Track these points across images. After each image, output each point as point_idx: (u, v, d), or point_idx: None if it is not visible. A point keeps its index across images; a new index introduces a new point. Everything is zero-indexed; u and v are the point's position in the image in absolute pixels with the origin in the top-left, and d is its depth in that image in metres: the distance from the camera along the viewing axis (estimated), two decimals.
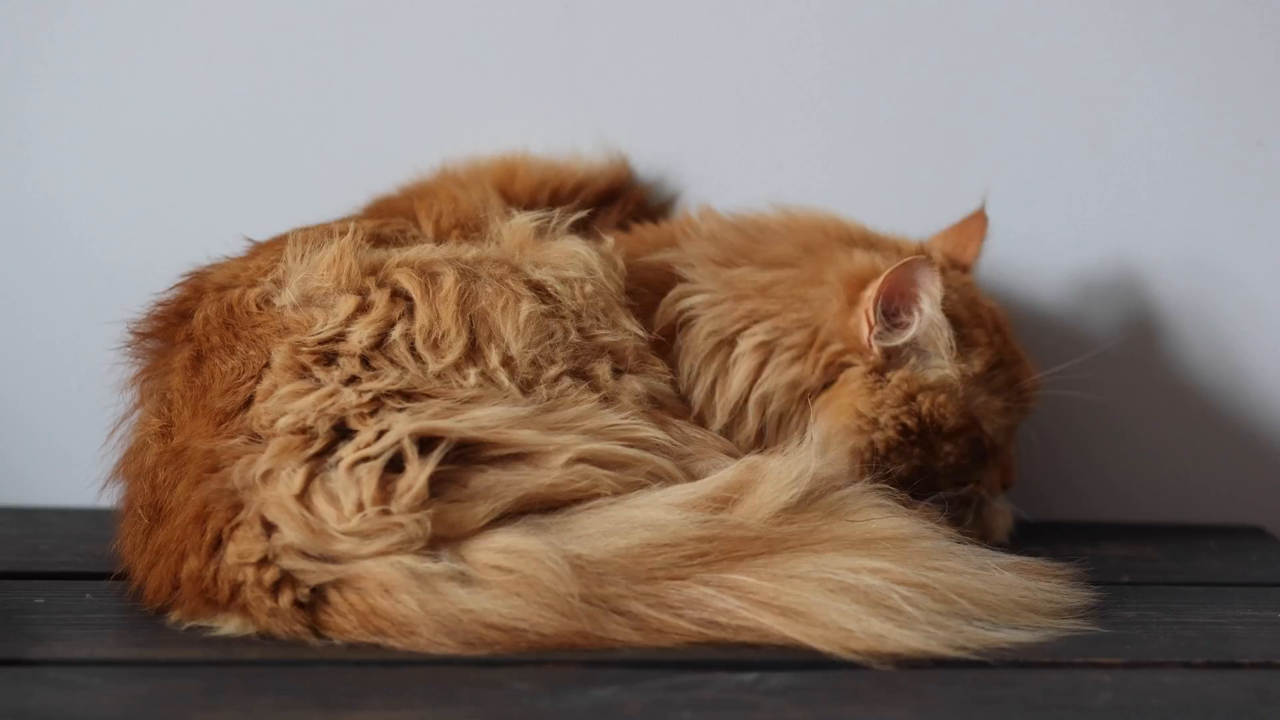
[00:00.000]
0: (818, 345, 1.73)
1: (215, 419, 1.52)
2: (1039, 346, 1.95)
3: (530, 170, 1.90)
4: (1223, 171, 2.04)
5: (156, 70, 2.01)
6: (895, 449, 1.72)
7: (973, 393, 1.76)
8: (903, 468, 1.72)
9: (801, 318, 1.74)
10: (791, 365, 1.73)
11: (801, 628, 1.41)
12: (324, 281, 1.59)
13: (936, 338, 1.72)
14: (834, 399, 1.72)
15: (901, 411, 1.72)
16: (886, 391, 1.72)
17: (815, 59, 2.02)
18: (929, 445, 1.74)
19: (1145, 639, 1.51)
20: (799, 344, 1.74)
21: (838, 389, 1.73)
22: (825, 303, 1.74)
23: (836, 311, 1.73)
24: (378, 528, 1.43)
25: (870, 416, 1.71)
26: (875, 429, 1.72)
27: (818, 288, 1.75)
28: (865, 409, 1.71)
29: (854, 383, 1.72)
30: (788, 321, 1.74)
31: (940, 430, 1.74)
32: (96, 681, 1.35)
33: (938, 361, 1.74)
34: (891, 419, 1.72)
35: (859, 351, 1.73)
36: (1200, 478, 2.09)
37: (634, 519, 1.48)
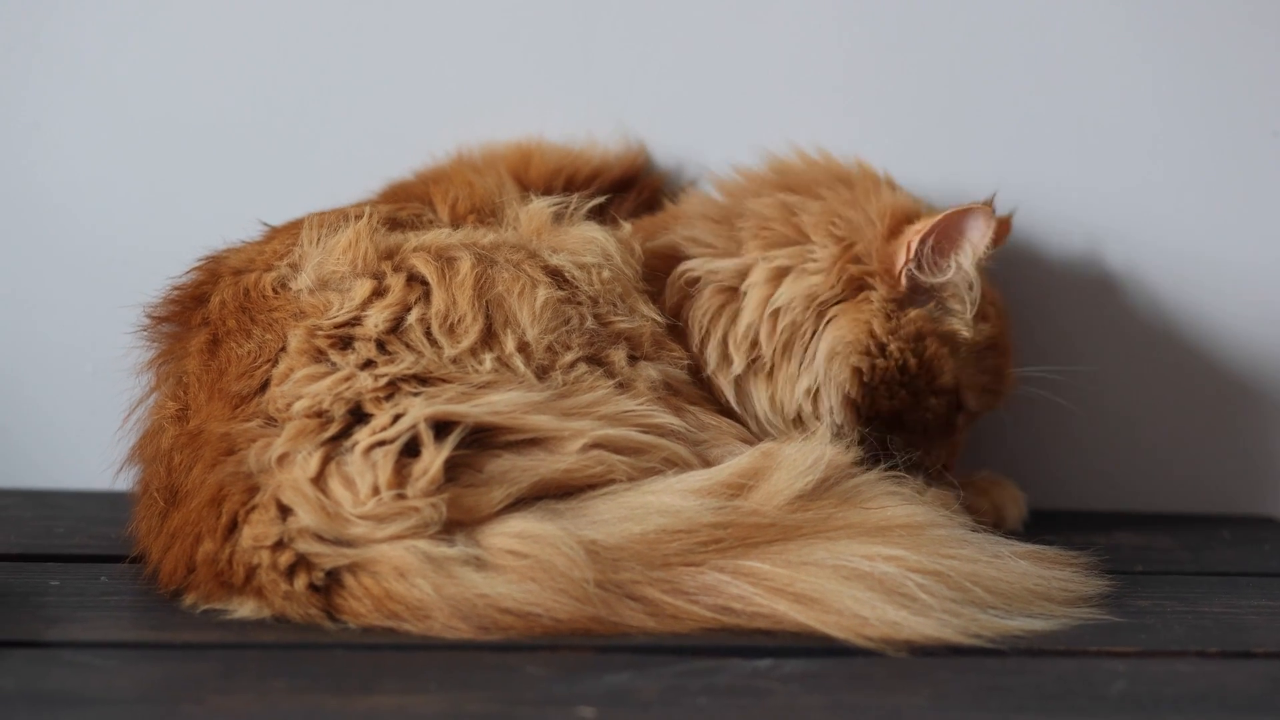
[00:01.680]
0: (846, 259, 1.74)
1: (231, 402, 1.52)
2: (1051, 336, 1.95)
3: (545, 157, 1.90)
4: (1240, 160, 2.03)
5: (173, 55, 2.01)
6: (889, 383, 1.74)
7: (968, 360, 1.79)
8: (885, 406, 1.74)
9: (835, 234, 1.76)
10: (814, 275, 1.74)
11: (816, 614, 1.41)
12: (340, 265, 1.59)
13: (964, 292, 1.76)
14: (850, 312, 1.74)
15: (909, 348, 1.74)
16: (902, 324, 1.74)
17: (834, 46, 2.02)
18: (916, 393, 1.75)
19: (1159, 628, 1.51)
20: (826, 257, 1.75)
21: (856, 304, 1.74)
22: (862, 227, 1.76)
23: (874, 236, 1.75)
24: (393, 511, 1.44)
25: (881, 341, 1.73)
26: (881, 355, 1.73)
27: (854, 211, 1.77)
28: (880, 332, 1.73)
29: (873, 304, 1.74)
30: (818, 236, 1.76)
31: (932, 381, 1.76)
32: (112, 663, 1.35)
33: (957, 314, 1.76)
34: (898, 350, 1.73)
35: (886, 278, 1.74)
36: (1214, 468, 2.08)
37: (649, 505, 1.48)
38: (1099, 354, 2.04)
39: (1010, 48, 2.02)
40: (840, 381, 1.73)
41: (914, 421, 1.77)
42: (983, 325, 1.79)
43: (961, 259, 1.74)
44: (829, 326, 1.73)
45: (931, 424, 1.78)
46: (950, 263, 1.74)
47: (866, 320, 1.73)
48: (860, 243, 1.75)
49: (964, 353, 1.78)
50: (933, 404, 1.77)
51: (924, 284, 1.75)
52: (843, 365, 1.73)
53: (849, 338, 1.73)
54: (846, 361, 1.73)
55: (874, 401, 1.74)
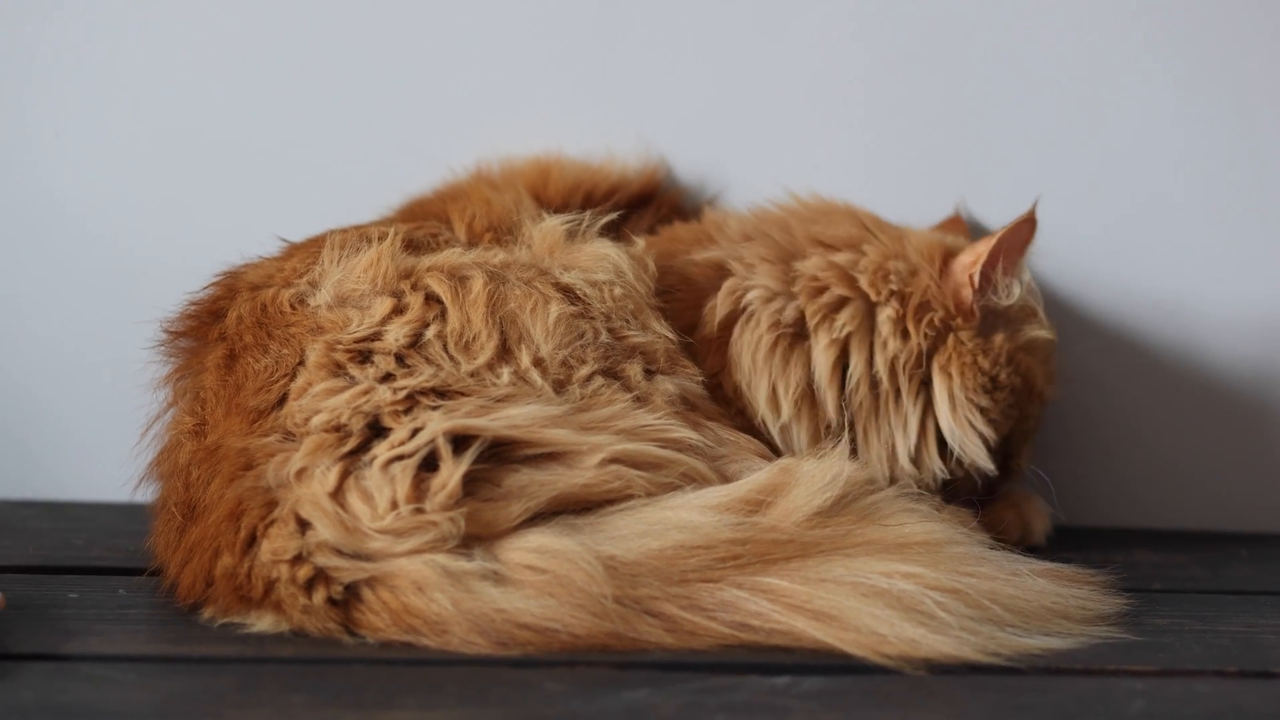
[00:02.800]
0: (914, 313, 1.75)
1: (249, 417, 1.53)
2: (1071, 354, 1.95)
3: (564, 173, 1.90)
4: (1261, 177, 2.03)
5: (192, 66, 2.02)
6: (1006, 409, 1.77)
7: (1045, 358, 1.82)
8: (1004, 431, 1.77)
9: (892, 289, 1.76)
10: (888, 342, 1.75)
11: (834, 631, 1.41)
12: (360, 284, 1.59)
13: (1034, 300, 1.79)
14: (953, 360, 1.75)
15: (1011, 370, 1.77)
16: (996, 352, 1.76)
17: (854, 62, 2.02)
18: (1023, 407, 1.79)
19: (1178, 647, 1.50)
20: (893, 318, 1.75)
21: (950, 351, 1.75)
22: (913, 274, 1.77)
23: (928, 280, 1.76)
24: (411, 526, 1.44)
25: (991, 374, 1.75)
26: (996, 387, 1.76)
27: (899, 261, 1.78)
28: (987, 367, 1.75)
29: (966, 345, 1.75)
30: (878, 296, 1.76)
31: (1031, 391, 1.79)
32: (130, 677, 1.35)
33: (1030, 321, 1.79)
34: (1007, 378, 1.76)
35: (963, 316, 1.76)
36: (1233, 485, 2.08)
37: (667, 520, 1.48)
38: (1118, 371, 2.03)
39: (1031, 66, 2.02)
40: (975, 425, 1.74)
41: (1018, 434, 1.81)
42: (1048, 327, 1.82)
43: (1023, 274, 1.76)
44: (941, 380, 1.75)
45: (1030, 430, 1.82)
46: (1015, 281, 1.76)
47: (972, 360, 1.75)
48: (917, 291, 1.76)
49: (1041, 354, 1.82)
50: (1032, 411, 1.81)
51: (997, 307, 1.77)
52: (970, 409, 1.74)
53: (968, 382, 1.75)
54: (973, 405, 1.74)
55: (998, 430, 1.76)
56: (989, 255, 1.73)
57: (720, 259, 1.80)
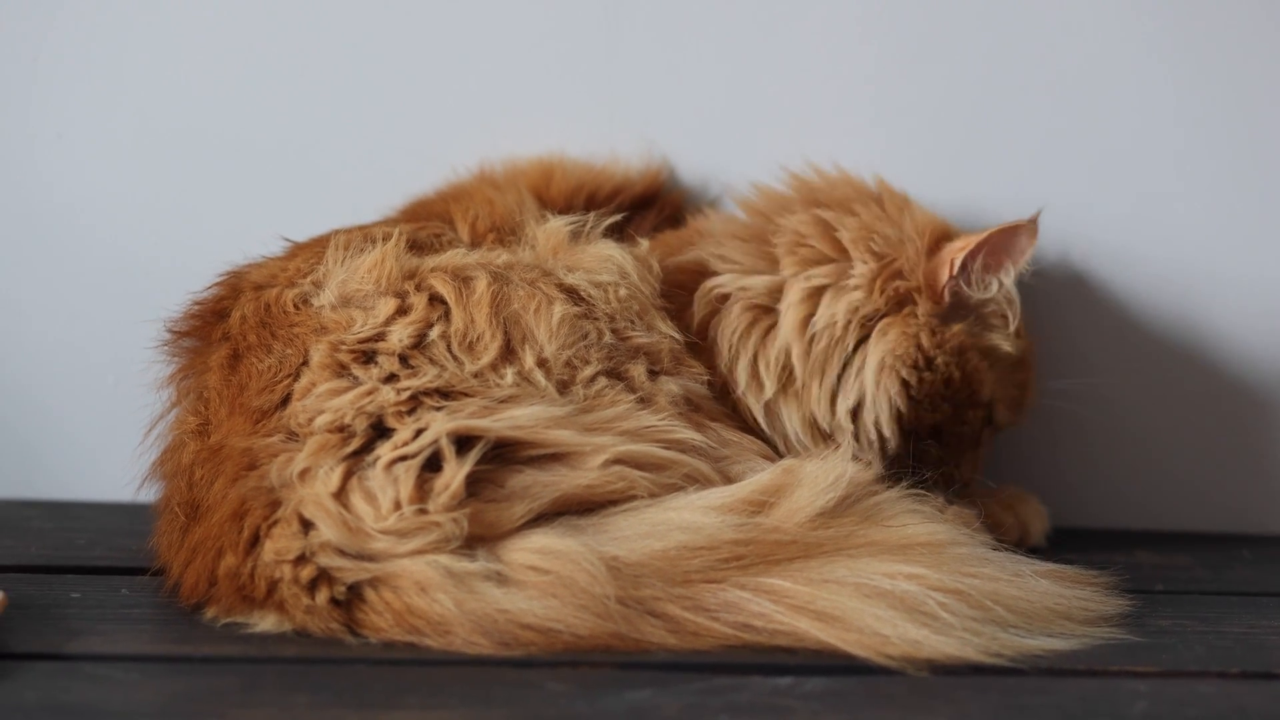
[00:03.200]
0: (887, 275, 1.76)
1: (252, 417, 1.53)
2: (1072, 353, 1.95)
3: (567, 173, 1.90)
4: (1261, 176, 2.03)
5: (196, 68, 2.02)
6: (933, 396, 1.76)
7: (1003, 374, 1.81)
8: (928, 420, 1.76)
9: (874, 250, 1.77)
10: (854, 292, 1.76)
11: (837, 632, 1.41)
12: (364, 284, 1.59)
13: (1006, 308, 1.79)
14: (898, 325, 1.75)
15: (953, 361, 1.76)
16: (946, 337, 1.76)
17: (858, 62, 2.02)
18: (957, 405, 1.77)
19: (1180, 648, 1.50)
20: (866, 273, 1.76)
21: (902, 318, 1.75)
22: (900, 243, 1.77)
23: (913, 253, 1.77)
24: (414, 526, 1.44)
25: (929, 354, 1.75)
26: (928, 368, 1.75)
27: (890, 227, 1.79)
28: (927, 345, 1.75)
29: (918, 318, 1.75)
30: (858, 252, 1.77)
31: (973, 395, 1.78)
32: (133, 677, 1.36)
33: (998, 329, 1.79)
34: (944, 364, 1.75)
35: (930, 294, 1.76)
36: (1235, 486, 2.08)
37: (670, 521, 1.48)
38: (1120, 371, 2.03)
39: (1033, 65, 2.01)
40: (890, 394, 1.74)
41: (951, 434, 1.79)
42: (1018, 340, 1.81)
43: (1004, 276, 1.76)
44: (877, 340, 1.75)
45: (966, 436, 1.80)
46: (995, 279, 1.76)
47: (914, 334, 1.74)
48: (900, 259, 1.76)
49: (1000, 367, 1.80)
50: (970, 417, 1.79)
51: (968, 299, 1.77)
52: (892, 377, 1.74)
53: (899, 350, 1.74)
54: (895, 374, 1.74)
55: (918, 415, 1.76)
56: (975, 245, 1.74)
57: (699, 257, 1.80)
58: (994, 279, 1.76)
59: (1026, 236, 1.75)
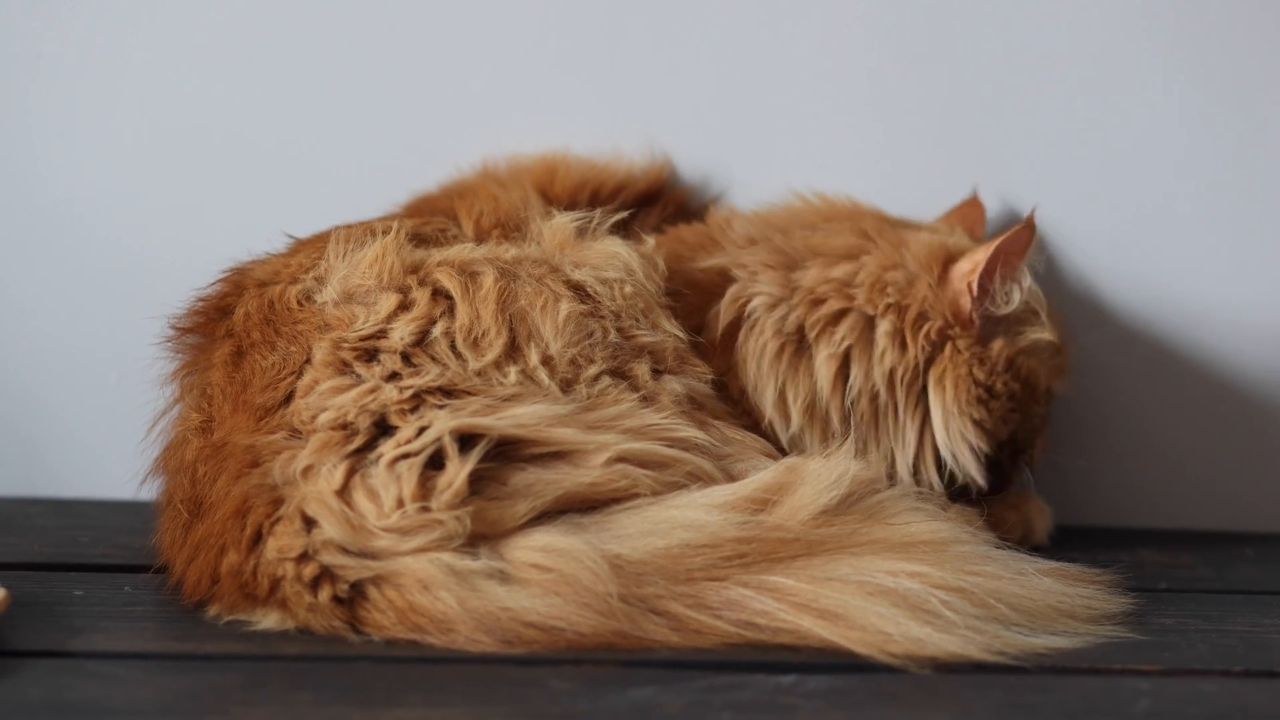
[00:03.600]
0: (911, 324, 1.75)
1: (256, 414, 1.53)
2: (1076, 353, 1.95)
3: (570, 170, 1.90)
4: (1265, 177, 2.03)
5: (197, 65, 2.02)
6: (1004, 416, 1.77)
7: (1050, 356, 1.82)
8: (1003, 435, 1.77)
9: (890, 302, 1.76)
10: (885, 356, 1.75)
11: (840, 630, 1.41)
12: (366, 279, 1.59)
13: (1036, 304, 1.79)
14: (948, 372, 1.75)
15: (1009, 377, 1.76)
16: (994, 360, 1.76)
17: (861, 61, 2.01)
18: (1025, 409, 1.79)
19: (1183, 646, 1.50)
20: (890, 332, 1.76)
21: (946, 362, 1.75)
22: (911, 284, 1.77)
23: (926, 290, 1.76)
24: (417, 524, 1.44)
25: (986, 384, 1.75)
26: (992, 397, 1.75)
27: (897, 271, 1.78)
28: (982, 378, 1.75)
29: (963, 354, 1.75)
30: (875, 310, 1.76)
31: (1034, 392, 1.79)
32: (135, 674, 1.36)
33: (1032, 324, 1.79)
34: (1004, 386, 1.76)
35: (961, 324, 1.76)
36: (1238, 485, 2.07)
37: (673, 519, 1.48)
38: (1123, 370, 2.03)
39: (1037, 66, 2.01)
40: (967, 438, 1.74)
41: (1024, 433, 1.81)
42: (1052, 320, 1.81)
43: (1022, 279, 1.76)
44: (935, 391, 1.75)
45: (1038, 427, 1.82)
46: (1015, 287, 1.76)
47: (967, 372, 1.74)
48: (915, 302, 1.76)
49: (1045, 354, 1.81)
50: (1037, 410, 1.81)
51: (995, 315, 1.76)
52: (963, 421, 1.74)
53: (962, 395, 1.74)
54: (966, 417, 1.74)
55: (995, 439, 1.76)
56: (987, 263, 1.73)
57: (724, 265, 1.80)
58: (1014, 287, 1.76)
59: (1028, 234, 1.75)
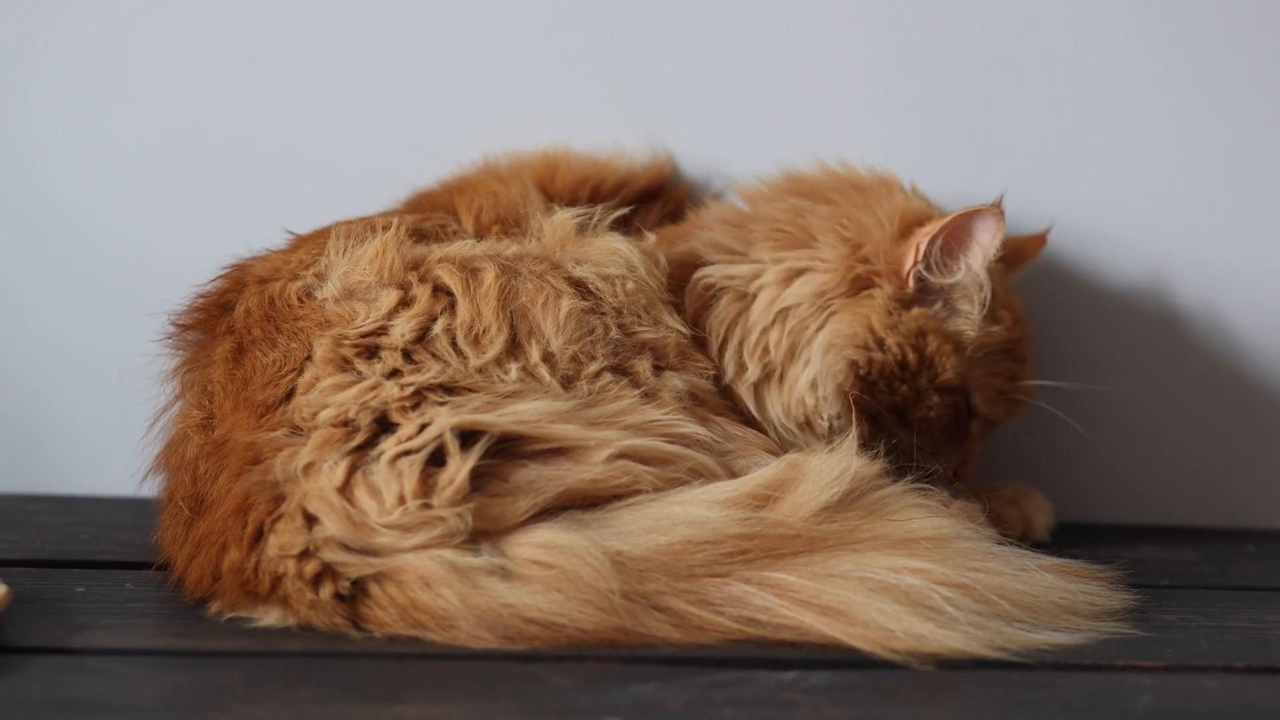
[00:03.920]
0: (853, 259, 1.76)
1: (256, 411, 1.53)
2: (1075, 350, 1.95)
3: (571, 166, 1.90)
4: (1260, 171, 2.03)
5: (198, 62, 2.02)
6: (887, 376, 1.74)
7: (977, 362, 1.79)
8: (885, 400, 1.75)
9: (844, 235, 1.77)
10: (822, 274, 1.76)
11: (842, 626, 1.41)
12: (366, 275, 1.59)
13: (974, 292, 1.76)
14: (851, 308, 1.75)
15: (908, 343, 1.74)
16: (903, 320, 1.75)
17: (863, 58, 2.01)
18: (917, 389, 1.76)
19: (1185, 643, 1.50)
20: (833, 258, 1.76)
21: (857, 300, 1.75)
22: (873, 228, 1.77)
23: (882, 238, 1.76)
24: (419, 521, 1.44)
25: (879, 336, 1.74)
26: (878, 349, 1.74)
27: (865, 214, 1.78)
28: (878, 327, 1.74)
29: (875, 301, 1.75)
30: (826, 237, 1.77)
31: (934, 378, 1.76)
32: (137, 671, 1.36)
33: (965, 314, 1.77)
34: (896, 345, 1.74)
35: (893, 278, 1.75)
36: (1240, 481, 2.07)
37: (675, 516, 1.48)
38: (1124, 367, 2.03)
39: (1035, 62, 2.01)
40: (835, 373, 1.73)
41: (919, 420, 1.77)
42: (994, 327, 1.78)
43: (971, 260, 1.74)
44: (828, 321, 1.75)
45: (936, 423, 1.78)
46: (959, 264, 1.75)
47: (865, 315, 1.74)
48: (868, 244, 1.76)
49: (971, 353, 1.78)
50: (935, 401, 1.77)
51: (933, 285, 1.76)
52: (838, 357, 1.73)
53: (846, 331, 1.74)
54: (842, 354, 1.73)
55: (873, 394, 1.75)
56: (936, 229, 1.73)
57: (693, 249, 1.81)
58: (958, 263, 1.74)
59: (992, 221, 1.72)
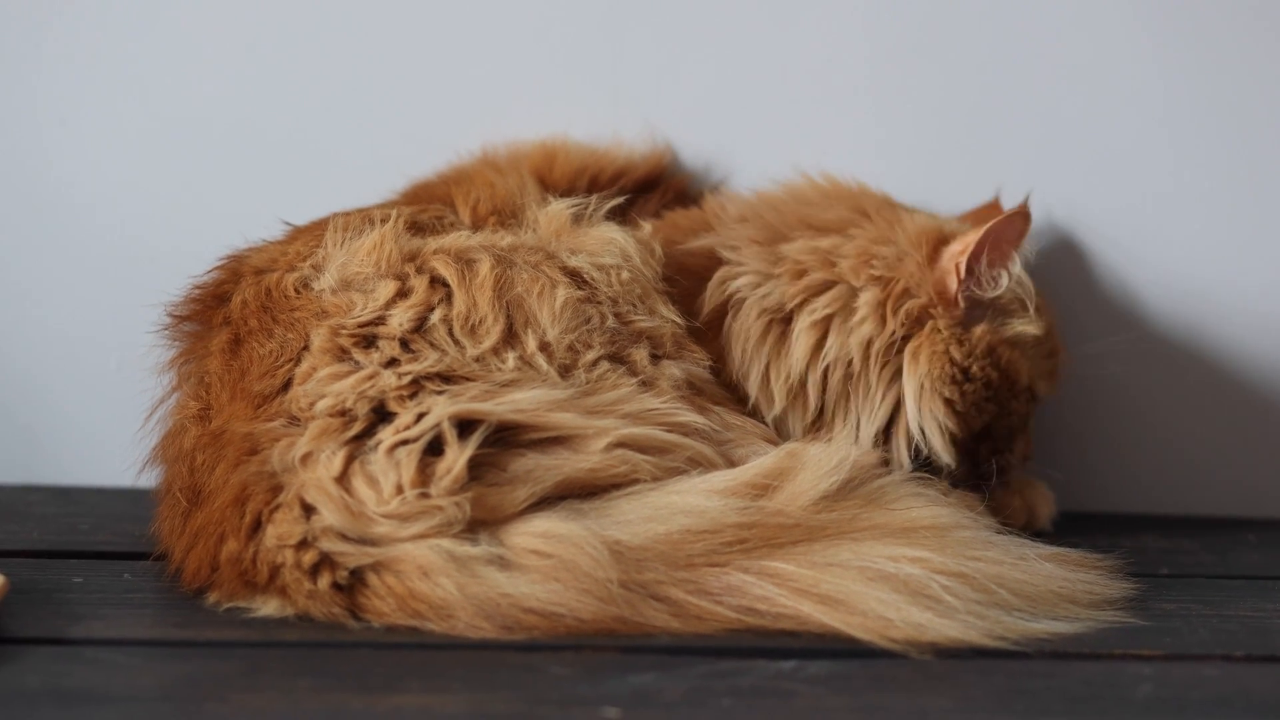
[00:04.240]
0: (895, 299, 1.74)
1: (254, 402, 1.52)
2: (1075, 344, 1.95)
3: (570, 156, 1.89)
4: (1257, 166, 2.02)
5: (198, 53, 2.01)
6: (978, 402, 1.75)
7: (1034, 353, 1.80)
8: (976, 424, 1.75)
9: (875, 275, 1.75)
10: (863, 325, 1.74)
11: (841, 616, 1.41)
12: (364, 267, 1.59)
13: (1023, 294, 1.77)
14: (926, 347, 1.73)
15: (988, 363, 1.74)
16: (973, 344, 1.74)
17: (860, 51, 2.01)
18: (1001, 401, 1.76)
19: (1185, 631, 1.50)
20: (871, 303, 1.74)
21: (924, 339, 1.74)
22: (900, 260, 1.76)
23: (914, 268, 1.75)
24: (417, 510, 1.44)
25: (963, 366, 1.73)
26: (966, 379, 1.74)
27: (887, 247, 1.77)
28: (959, 358, 1.73)
29: (942, 333, 1.74)
30: (859, 281, 1.75)
31: (1014, 385, 1.77)
32: (135, 661, 1.36)
33: (1018, 316, 1.77)
34: (980, 370, 1.74)
35: (945, 305, 1.75)
36: (1240, 471, 2.07)
37: (673, 505, 1.48)
38: (1123, 358, 2.03)
39: (1030, 60, 2.01)
40: (938, 418, 1.72)
41: (1001, 428, 1.78)
42: (1043, 319, 1.80)
43: (1012, 266, 1.74)
44: (910, 366, 1.73)
45: (1016, 425, 1.80)
46: (1003, 272, 1.74)
47: (944, 350, 1.73)
48: (902, 278, 1.75)
49: (1031, 349, 1.79)
50: (1016, 407, 1.78)
51: (983, 299, 1.75)
52: (935, 400, 1.73)
53: (935, 372, 1.73)
54: (938, 395, 1.73)
55: (968, 424, 1.75)
56: (975, 245, 1.72)
57: (712, 246, 1.79)
58: (1002, 272, 1.74)
59: (1022, 222, 1.73)
